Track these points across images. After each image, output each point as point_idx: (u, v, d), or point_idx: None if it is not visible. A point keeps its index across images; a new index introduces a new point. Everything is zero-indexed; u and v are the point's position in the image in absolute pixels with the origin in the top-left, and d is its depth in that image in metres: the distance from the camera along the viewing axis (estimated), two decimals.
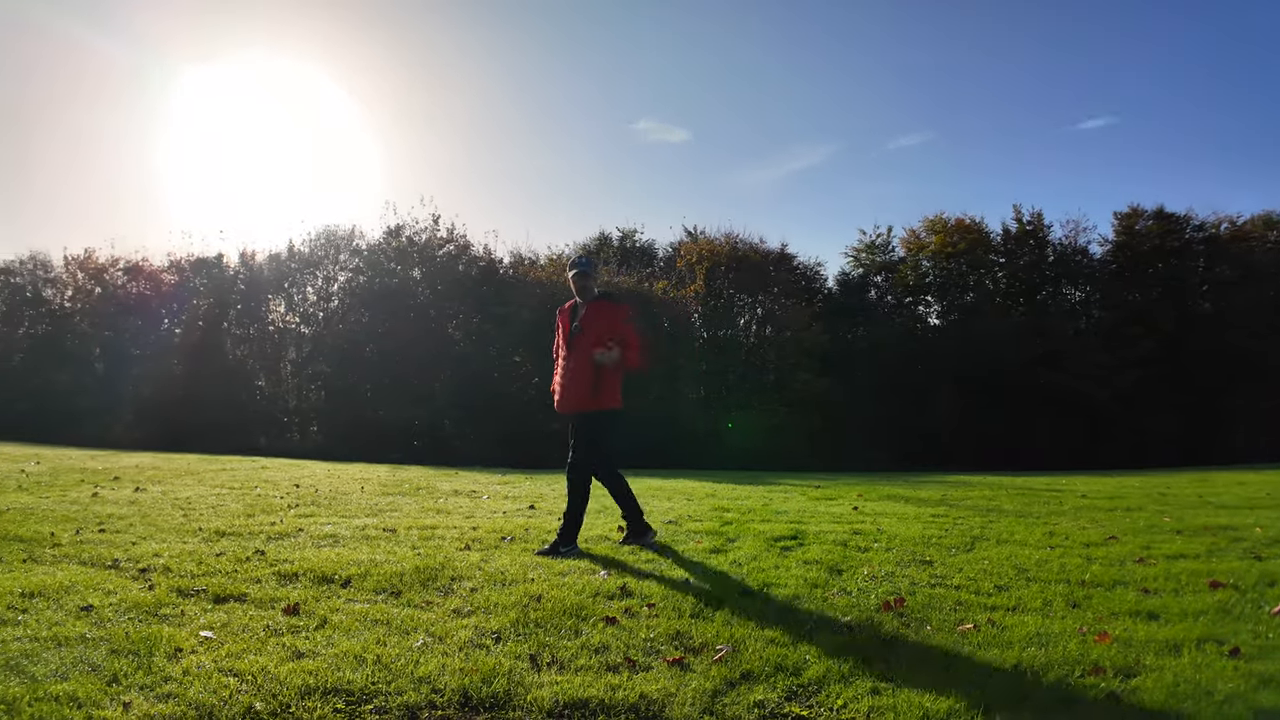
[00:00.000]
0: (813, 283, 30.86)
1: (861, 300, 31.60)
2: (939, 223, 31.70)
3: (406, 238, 26.08)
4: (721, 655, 3.84)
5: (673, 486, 10.76)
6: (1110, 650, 3.86)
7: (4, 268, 27.65)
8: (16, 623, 3.98)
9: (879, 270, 32.53)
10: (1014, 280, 31.46)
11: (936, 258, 31.47)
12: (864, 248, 33.11)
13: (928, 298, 32.25)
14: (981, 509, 8.96)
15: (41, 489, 8.74)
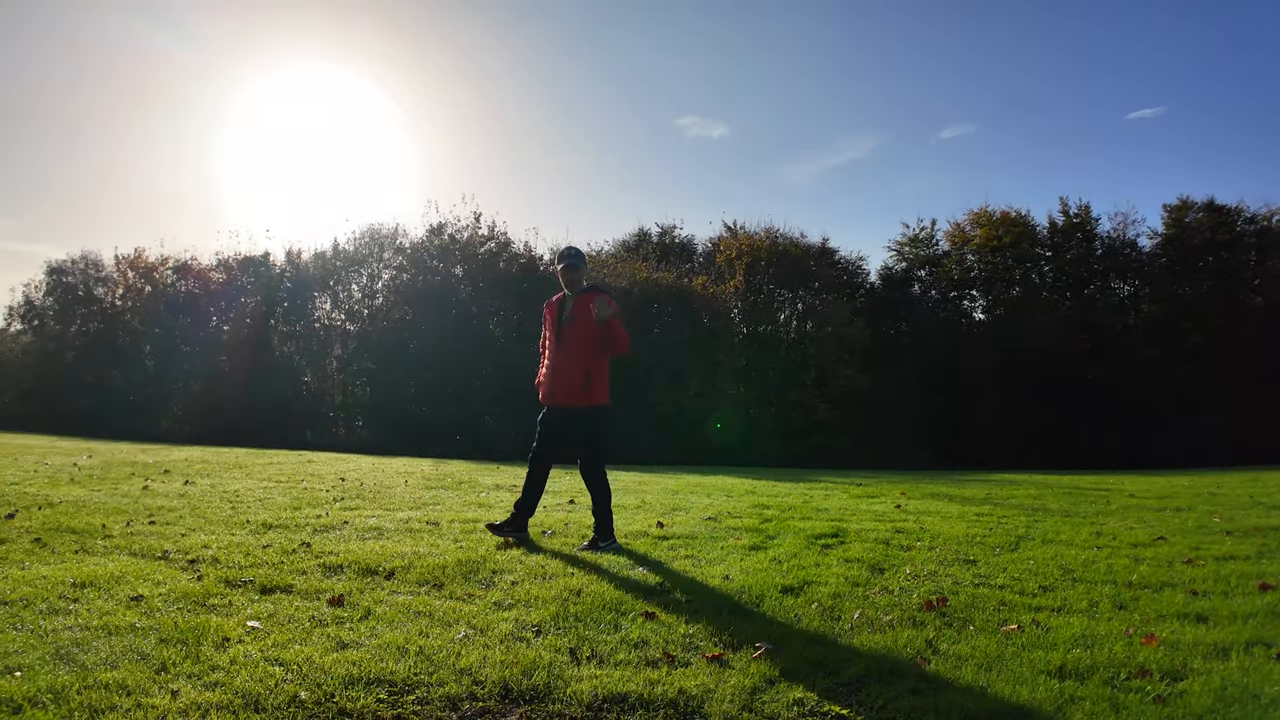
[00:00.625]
0: (855, 277, 30.56)
1: (904, 295, 31.19)
2: (984, 216, 31.20)
3: (449, 236, 26.30)
4: (761, 652, 3.84)
5: (712, 483, 10.75)
6: (1157, 653, 3.80)
7: (57, 267, 28.40)
8: (68, 612, 4.10)
9: (922, 264, 32.10)
10: (1061, 274, 30.86)
11: (981, 251, 30.96)
12: (907, 241, 32.71)
13: (972, 292, 31.75)
14: (1027, 508, 8.84)
15: (93, 482, 8.97)
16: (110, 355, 27.26)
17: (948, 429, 27.08)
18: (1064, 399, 27.22)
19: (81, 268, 28.45)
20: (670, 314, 25.20)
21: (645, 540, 6.36)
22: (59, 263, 28.49)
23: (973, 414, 27.33)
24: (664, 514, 7.70)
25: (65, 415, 24.86)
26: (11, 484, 8.46)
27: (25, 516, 6.59)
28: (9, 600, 4.21)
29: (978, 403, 27.46)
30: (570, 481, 10.47)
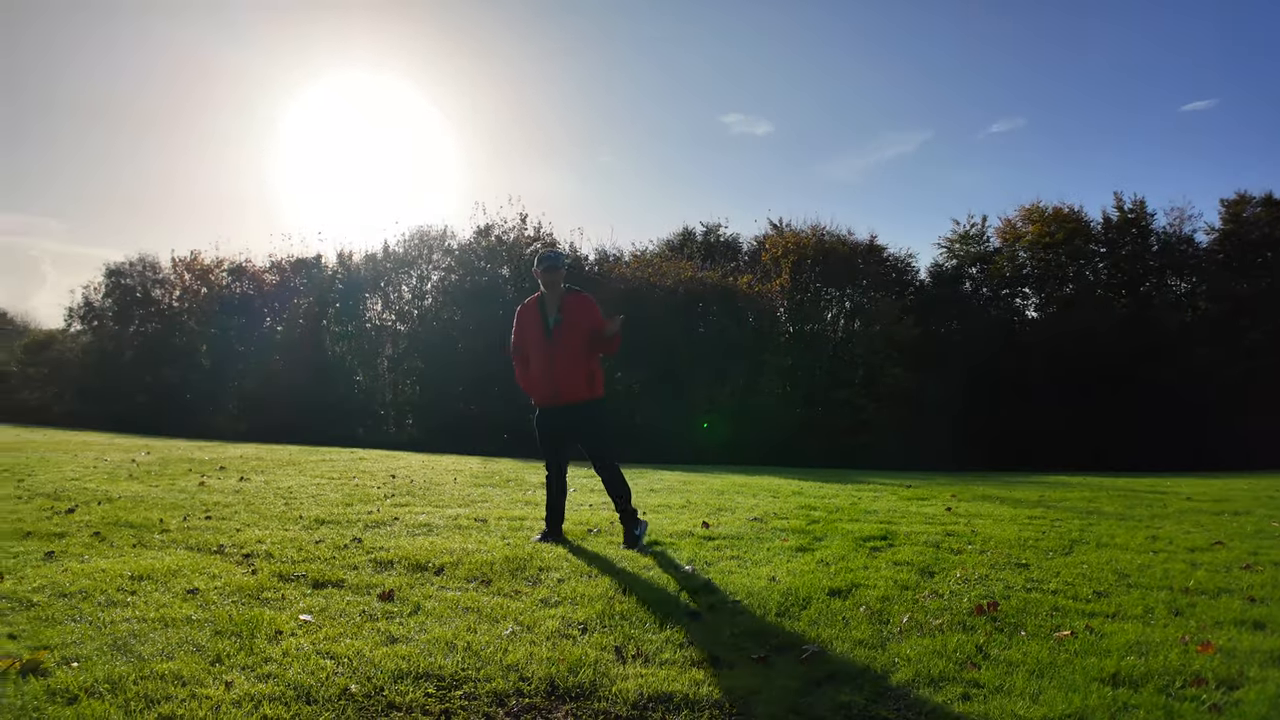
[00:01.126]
0: (904, 275, 29.99)
1: (955, 292, 30.55)
2: (1036, 211, 30.50)
3: (495, 237, 26.50)
4: (807, 655, 3.81)
5: (757, 483, 10.69)
6: (1213, 661, 3.70)
7: (115, 269, 29.20)
8: (126, 604, 4.22)
9: (973, 261, 31.45)
10: (1115, 271, 30.04)
11: (1033, 248, 30.25)
12: (957, 238, 32.09)
13: (1024, 290, 31.03)
14: (1080, 511, 8.65)
15: (151, 478, 9.21)
16: (167, 355, 27.95)
17: (999, 429, 26.55)
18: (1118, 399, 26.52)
19: (139, 270, 29.22)
20: (715, 313, 25.06)
21: (690, 540, 6.35)
22: (117, 265, 29.35)
23: (1025, 414, 26.75)
24: (709, 514, 7.67)
25: (123, 413, 25.57)
26: (71, 479, 8.71)
27: (85, 511, 6.79)
28: (68, 592, 4.34)
29: (1030, 403, 26.88)
30: None
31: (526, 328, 6.34)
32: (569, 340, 6.19)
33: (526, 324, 6.35)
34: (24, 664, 3.28)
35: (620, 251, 28.99)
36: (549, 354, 6.22)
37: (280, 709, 3.11)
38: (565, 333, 6.19)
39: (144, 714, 2.99)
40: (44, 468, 9.64)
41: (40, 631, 3.74)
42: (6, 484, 8.21)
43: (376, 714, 3.17)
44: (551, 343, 6.21)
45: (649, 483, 10.34)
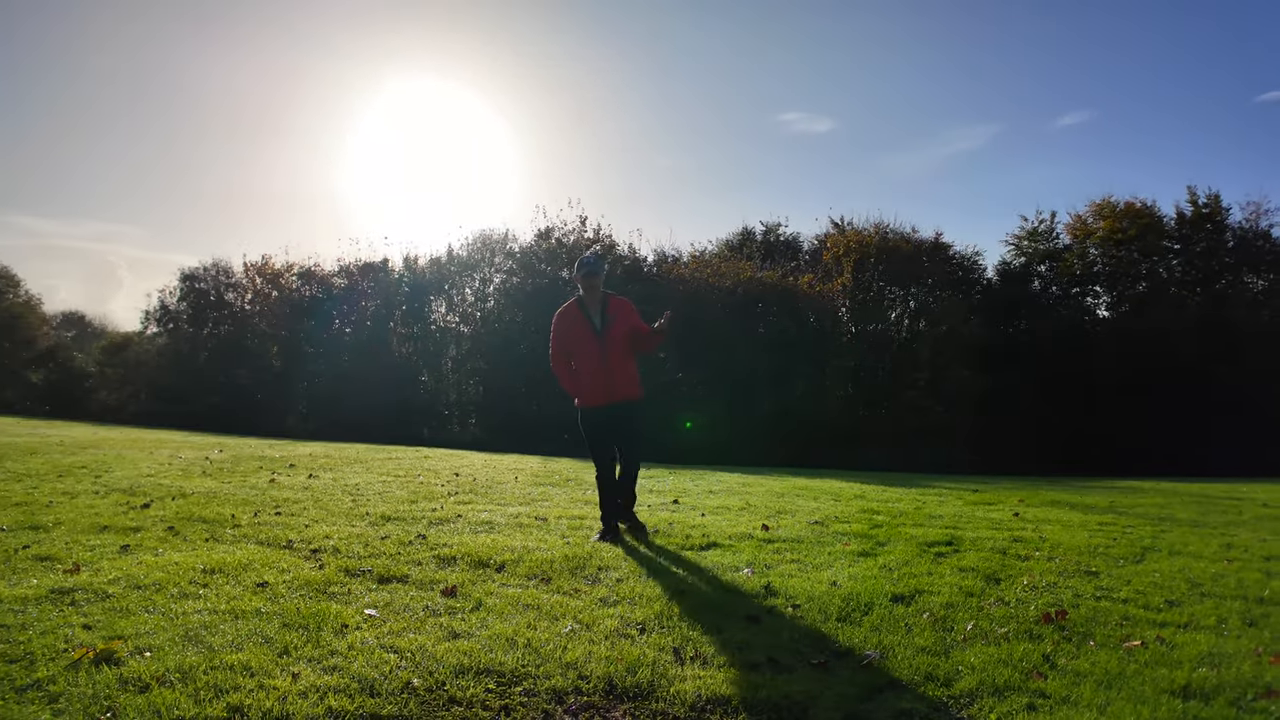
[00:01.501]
0: (970, 273, 29.23)
1: (1023, 291, 29.66)
2: (1106, 207, 29.54)
3: (556, 239, 26.70)
4: (868, 661, 3.75)
5: (819, 486, 10.57)
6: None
7: (189, 274, 30.15)
8: (198, 596, 4.35)
9: (1042, 259, 30.55)
10: (1189, 268, 28.91)
11: (1104, 245, 29.29)
12: (1026, 235, 31.24)
13: (1095, 288, 30.04)
14: (1153, 517, 8.37)
15: (224, 475, 9.48)
16: (240, 356, 28.77)
17: (1069, 432, 25.80)
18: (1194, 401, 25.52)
19: (213, 274, 30.14)
20: (775, 313, 24.80)
21: (750, 543, 6.30)
22: (192, 270, 30.29)
23: (1096, 416, 25.95)
24: (769, 517, 7.62)
25: (198, 412, 26.40)
26: (148, 476, 9.01)
27: (160, 506, 7.02)
28: (143, 584, 4.49)
29: (1101, 405, 26.06)
30: (674, 482, 10.48)
31: (572, 331, 6.48)
32: (619, 342, 6.40)
33: (571, 327, 6.48)
34: (98, 653, 3.41)
35: (679, 252, 28.94)
36: (601, 354, 6.39)
37: (345, 701, 3.17)
38: (614, 333, 6.38)
39: (213, 703, 3.07)
40: (120, 465, 9.98)
41: (115, 622, 3.87)
42: (84, 480, 8.52)
43: (438, 708, 3.21)
44: (602, 343, 6.38)
45: (708, 484, 10.29)
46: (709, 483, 10.52)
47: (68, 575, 4.62)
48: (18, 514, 6.41)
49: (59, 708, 2.98)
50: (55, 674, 3.24)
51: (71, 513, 6.55)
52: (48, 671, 3.25)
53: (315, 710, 3.09)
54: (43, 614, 3.93)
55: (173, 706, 3.02)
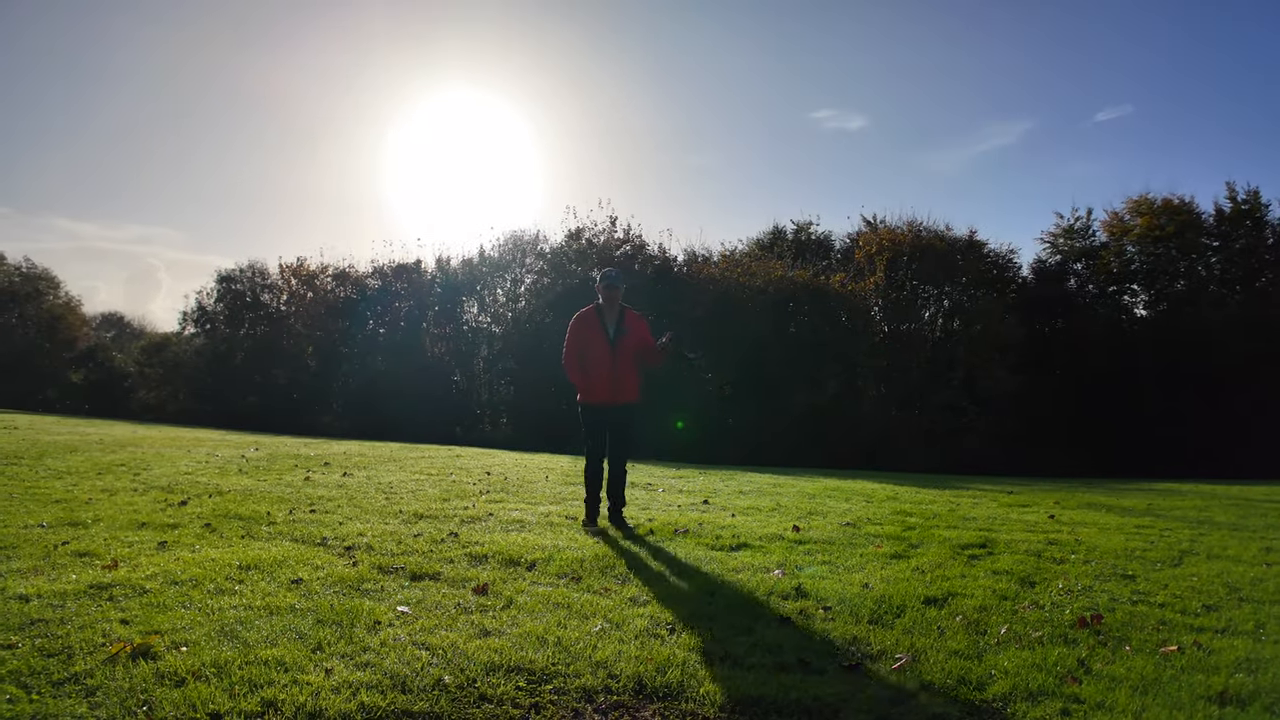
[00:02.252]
0: (1005, 271, 28.74)
1: (1059, 290, 29.12)
2: (1144, 203, 28.97)
3: (586, 240, 26.76)
4: (900, 664, 3.72)
5: (850, 487, 10.50)
6: None
7: (226, 275, 30.63)
8: (234, 592, 4.42)
9: (1078, 257, 30.03)
10: (1229, 266, 28.22)
11: (1142, 242, 28.70)
12: (1061, 232, 30.71)
13: (1133, 286, 29.44)
14: (1191, 520, 8.22)
15: (260, 473, 9.61)
16: (276, 356, 29.19)
17: (1106, 434, 25.38)
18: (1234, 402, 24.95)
19: (249, 276, 30.60)
20: (806, 313, 24.60)
21: (781, 544, 6.27)
22: (228, 271, 30.75)
23: (1134, 418, 25.48)
24: (800, 518, 7.58)
25: (234, 411, 26.84)
26: (185, 474, 9.16)
27: (197, 504, 7.13)
28: (180, 580, 4.56)
29: (1139, 405, 25.58)
30: (704, 482, 10.46)
31: (587, 336, 7.01)
32: (630, 350, 7.01)
33: (587, 332, 7.02)
34: (135, 648, 3.47)
35: (709, 252, 28.82)
36: (612, 360, 6.95)
37: (377, 697, 3.20)
38: (626, 344, 6.98)
39: (247, 698, 3.11)
40: (159, 462, 10.16)
41: (152, 617, 3.94)
42: (123, 478, 8.68)
43: (469, 705, 3.23)
44: (615, 351, 6.96)
45: (738, 485, 10.26)
46: (739, 483, 10.48)
47: (106, 571, 4.70)
48: (58, 510, 6.54)
49: (96, 701, 3.03)
50: (93, 668, 3.29)
51: (110, 509, 6.67)
52: (85, 665, 3.31)
53: (348, 706, 3.11)
54: (81, 609, 4.00)
55: (208, 701, 3.06)
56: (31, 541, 5.37)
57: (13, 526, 5.82)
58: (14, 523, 5.96)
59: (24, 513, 6.38)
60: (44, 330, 36.89)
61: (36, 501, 6.93)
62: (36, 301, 37.57)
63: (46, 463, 9.54)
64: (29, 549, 5.17)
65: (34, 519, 6.14)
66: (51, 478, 8.41)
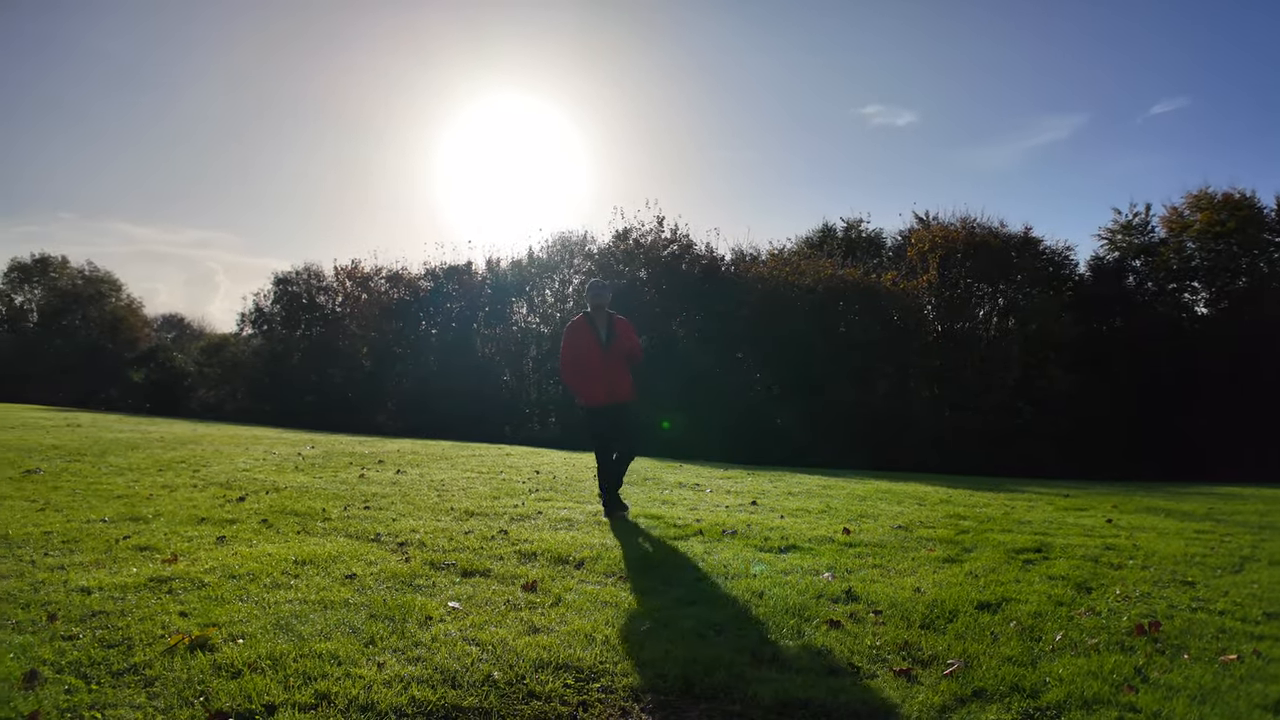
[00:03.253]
0: (1061, 269, 28.02)
1: (1117, 288, 28.35)
2: (1204, 198, 28.12)
3: (633, 240, 26.83)
4: (952, 670, 3.67)
5: (902, 490, 10.36)
6: None
7: (283, 278, 31.32)
8: (289, 586, 4.51)
9: (1137, 254, 29.23)
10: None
11: (1202, 238, 27.84)
12: (1119, 228, 29.97)
13: (1193, 284, 28.57)
14: (1253, 525, 7.98)
15: (316, 470, 9.78)
16: (331, 356, 29.76)
17: (1166, 436, 24.67)
18: None
19: (305, 278, 31.24)
20: (857, 312, 24.30)
21: (830, 546, 6.22)
22: (285, 274, 31.46)
23: (1194, 419, 24.71)
24: (850, 520, 7.51)
25: (291, 410, 27.42)
26: (243, 470, 9.37)
27: (254, 500, 7.29)
28: (237, 574, 4.67)
29: (1200, 407, 24.81)
30: (752, 483, 10.41)
31: (581, 342, 7.42)
32: (620, 353, 7.43)
33: (580, 339, 7.43)
34: (193, 640, 3.56)
35: (757, 251, 28.66)
36: (604, 364, 7.36)
37: (427, 691, 3.25)
38: (617, 347, 7.41)
39: (302, 690, 3.18)
40: (218, 460, 10.40)
41: (210, 610, 4.04)
42: (183, 474, 8.91)
43: (517, 701, 3.26)
44: (607, 355, 7.38)
45: (787, 486, 10.19)
46: (788, 484, 10.41)
47: (166, 565, 4.84)
48: (120, 506, 6.73)
49: (154, 691, 3.12)
50: (152, 659, 3.39)
51: (171, 505, 6.86)
52: (144, 656, 3.41)
53: (399, 700, 3.16)
54: (141, 601, 4.12)
55: (263, 692, 3.13)
56: (94, 536, 5.54)
57: (76, 521, 6.01)
58: (77, 517, 6.15)
59: (86, 508, 6.58)
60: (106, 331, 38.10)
61: (99, 497, 7.15)
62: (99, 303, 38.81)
63: (109, 460, 9.82)
64: (91, 543, 5.34)
65: (96, 514, 6.33)
66: (113, 474, 8.66)
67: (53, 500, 6.88)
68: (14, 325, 38.04)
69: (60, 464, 9.22)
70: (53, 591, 4.21)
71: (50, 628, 3.69)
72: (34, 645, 3.47)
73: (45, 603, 4.02)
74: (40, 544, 5.26)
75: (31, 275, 38.89)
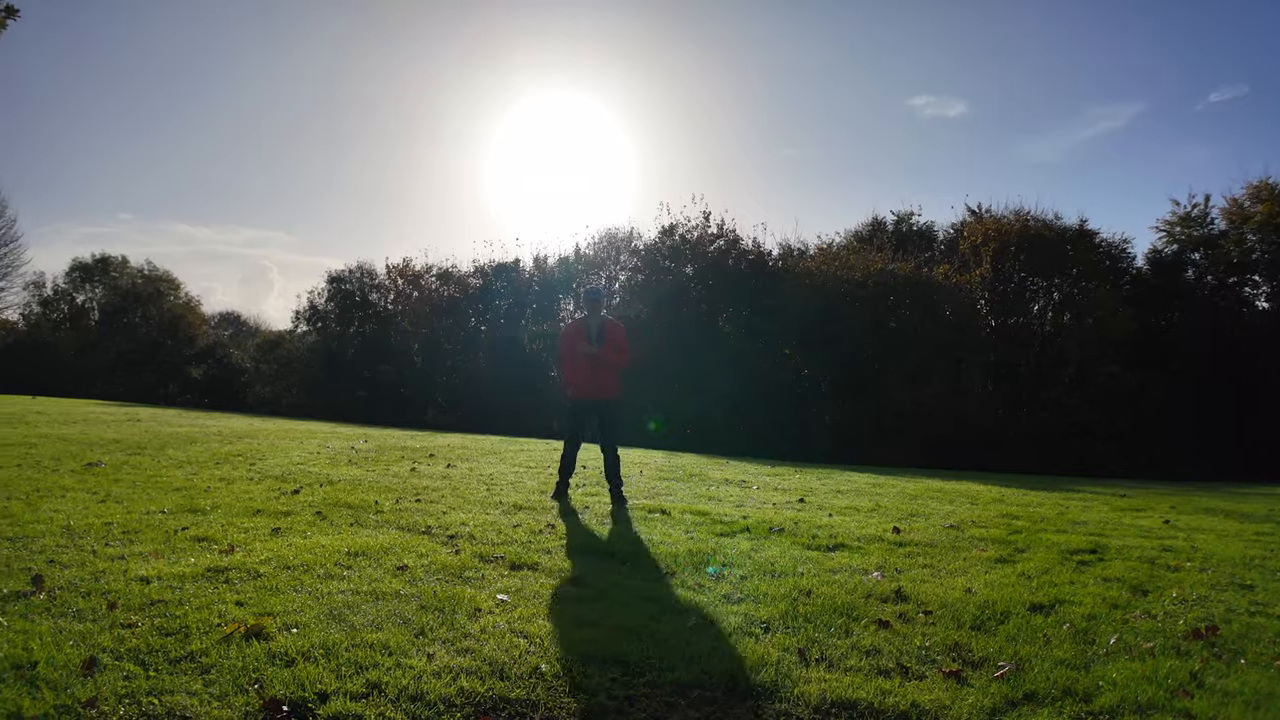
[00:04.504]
0: (1118, 262, 27.31)
1: (1176, 281, 27.49)
2: (1265, 189, 27.17)
3: (680, 236, 26.79)
4: (1003, 672, 3.61)
5: (954, 489, 10.21)
6: None
7: (336, 276, 32.02)
8: (342, 578, 4.60)
9: (1196, 246, 28.32)
10: None
11: (1264, 230, 26.87)
12: (1177, 220, 29.08)
13: (1254, 277, 27.61)
14: None
15: (368, 463, 9.95)
16: (383, 353, 30.29)
17: (1227, 434, 23.93)
18: None
19: (358, 276, 31.88)
20: (908, 306, 23.91)
21: (880, 546, 6.16)
22: (338, 272, 32.18)
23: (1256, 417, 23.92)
24: (900, 519, 7.43)
25: (345, 405, 27.97)
26: (298, 464, 9.56)
27: (309, 493, 7.44)
28: (291, 565, 4.78)
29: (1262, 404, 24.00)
30: (800, 480, 10.36)
31: (575, 342, 8.01)
32: (609, 354, 7.94)
33: (575, 340, 8.04)
34: (249, 628, 3.65)
35: (805, 245, 28.42)
36: (592, 362, 7.91)
37: (476, 683, 3.29)
38: (605, 348, 7.94)
39: (353, 679, 3.24)
40: (273, 453, 10.62)
41: (264, 600, 4.13)
42: (240, 467, 9.11)
43: (564, 694, 3.29)
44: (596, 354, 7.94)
45: (835, 484, 10.11)
46: (836, 482, 10.33)
47: (223, 555, 4.96)
48: (178, 498, 6.91)
49: (210, 679, 3.20)
50: (208, 646, 3.47)
51: (227, 497, 7.02)
52: (201, 644, 3.50)
53: (448, 690, 3.21)
54: (199, 591, 4.23)
55: (316, 681, 3.20)
56: (153, 527, 5.70)
57: (136, 512, 6.18)
58: (137, 509, 6.33)
59: (146, 500, 6.76)
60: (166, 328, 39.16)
61: (158, 489, 7.34)
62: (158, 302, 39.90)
63: (168, 453, 10.09)
64: (150, 534, 5.49)
65: (156, 505, 6.50)
66: (172, 467, 8.89)
67: (113, 492, 7.08)
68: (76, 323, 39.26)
69: (121, 457, 9.49)
70: (113, 580, 4.33)
71: (110, 616, 3.79)
72: (94, 633, 3.57)
73: (105, 591, 4.14)
74: (101, 534, 5.42)
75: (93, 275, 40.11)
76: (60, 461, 8.88)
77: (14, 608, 3.83)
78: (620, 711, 3.20)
